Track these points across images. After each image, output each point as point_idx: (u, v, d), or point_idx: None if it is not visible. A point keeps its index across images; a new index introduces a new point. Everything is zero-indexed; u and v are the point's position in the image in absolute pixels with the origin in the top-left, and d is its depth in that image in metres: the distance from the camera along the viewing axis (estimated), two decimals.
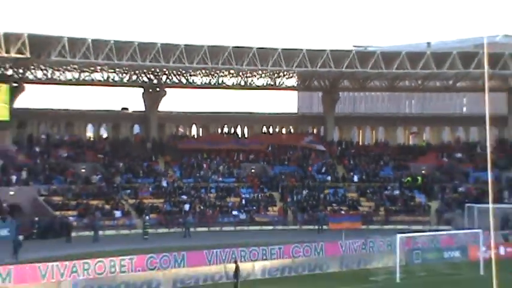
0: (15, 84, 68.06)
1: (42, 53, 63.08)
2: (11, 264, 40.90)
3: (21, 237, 51.12)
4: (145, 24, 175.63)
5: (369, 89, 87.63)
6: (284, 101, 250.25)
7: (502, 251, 50.79)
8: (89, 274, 40.62)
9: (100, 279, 40.00)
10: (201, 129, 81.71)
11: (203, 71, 73.18)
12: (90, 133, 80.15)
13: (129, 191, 68.26)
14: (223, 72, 74.28)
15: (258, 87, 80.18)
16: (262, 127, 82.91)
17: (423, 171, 76.30)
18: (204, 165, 74.37)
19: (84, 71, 71.98)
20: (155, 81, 75.33)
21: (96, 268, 41.33)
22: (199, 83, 77.72)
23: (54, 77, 72.33)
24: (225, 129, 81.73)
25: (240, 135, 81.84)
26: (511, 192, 71.72)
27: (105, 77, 74.19)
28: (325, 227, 64.91)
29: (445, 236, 54.20)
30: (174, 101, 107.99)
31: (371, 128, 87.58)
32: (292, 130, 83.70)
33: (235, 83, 78.27)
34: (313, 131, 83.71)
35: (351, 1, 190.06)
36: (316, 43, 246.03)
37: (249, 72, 73.55)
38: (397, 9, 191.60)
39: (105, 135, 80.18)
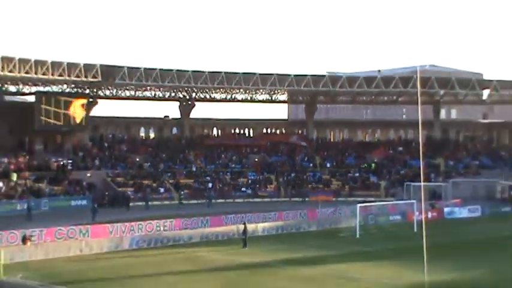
0: (91, 100, 68.34)
1: (110, 77, 63.42)
2: (89, 224, 41.27)
3: (96, 206, 51.60)
4: (181, 55, 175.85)
5: (338, 102, 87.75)
6: (278, 111, 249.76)
7: (429, 215, 51.16)
8: (142, 232, 40.87)
9: (150, 235, 40.32)
10: (220, 130, 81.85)
11: (221, 90, 73.35)
12: (142, 133, 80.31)
13: (169, 174, 68.46)
14: (235, 91, 74.39)
15: (259, 101, 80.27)
16: (263, 129, 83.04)
17: (375, 160, 76.53)
18: (222, 156, 74.69)
19: (138, 90, 72.17)
20: (188, 97, 75.44)
21: (147, 228, 41.59)
22: (218, 98, 77.83)
23: (118, 94, 72.57)
24: (237, 131, 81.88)
25: (247, 135, 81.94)
26: (436, 174, 72.06)
27: (153, 94, 74.36)
28: (307, 199, 65.16)
29: (390, 205, 54.64)
30: (201, 111, 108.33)
31: (339, 129, 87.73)
32: (283, 131, 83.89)
33: (243, 98, 78.37)
34: (298, 132, 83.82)
35: (327, 39, 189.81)
36: (300, 69, 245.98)
37: (253, 90, 73.66)
38: (358, 46, 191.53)
39: (152, 135, 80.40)
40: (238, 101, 78.90)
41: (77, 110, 66.34)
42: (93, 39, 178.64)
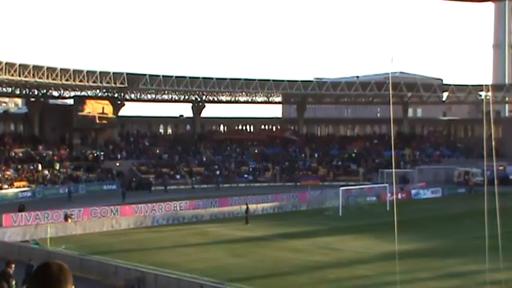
0: (118, 102, 68.19)
1: (134, 83, 63.25)
2: (119, 205, 41.20)
3: (125, 189, 51.35)
4: (193, 64, 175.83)
5: (324, 103, 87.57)
6: (274, 110, 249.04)
7: (399, 196, 51.06)
8: (162, 211, 40.81)
9: (168, 214, 40.25)
10: (226, 127, 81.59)
11: (227, 93, 73.14)
12: (161, 130, 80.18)
13: (184, 163, 68.36)
14: (238, 94, 74.02)
15: (259, 102, 79.88)
16: (261, 126, 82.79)
17: (355, 151, 76.42)
18: (228, 148, 74.48)
19: (158, 94, 71.97)
20: (199, 99, 75.19)
21: (166, 208, 41.65)
22: (224, 100, 77.53)
23: (141, 97, 72.36)
24: (240, 127, 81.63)
25: (248, 131, 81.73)
26: (405, 162, 71.94)
27: (170, 97, 74.10)
28: (298, 183, 64.82)
29: (367, 188, 54.40)
30: (210, 111, 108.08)
31: (325, 125, 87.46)
32: (279, 127, 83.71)
33: (245, 100, 77.92)
34: (291, 128, 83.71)
35: (315, 50, 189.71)
36: (292, 75, 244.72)
37: (253, 93, 73.39)
38: (340, 56, 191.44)
39: (170, 132, 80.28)
40: (241, 102, 78.52)
41: (107, 111, 66.17)
42: (122, 51, 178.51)
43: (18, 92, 63.49)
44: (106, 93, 67.14)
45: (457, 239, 32.51)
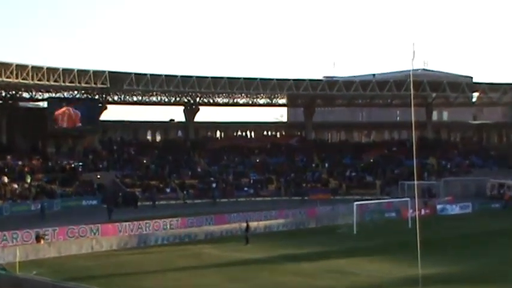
0: (100, 105, 68.32)
1: (118, 83, 63.42)
2: (99, 223, 40.73)
3: (110, 206, 50.68)
4: (185, 61, 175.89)
5: (335, 105, 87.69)
6: (278, 114, 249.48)
7: (423, 212, 51.11)
8: (150, 230, 40.83)
9: (157, 233, 40.24)
10: (222, 133, 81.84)
11: (224, 94, 73.30)
12: (149, 136, 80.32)
13: (175, 174, 68.39)
14: (237, 95, 74.20)
15: (260, 105, 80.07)
16: (263, 131, 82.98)
17: (371, 160, 76.44)
18: (225, 158, 74.51)
19: (145, 95, 72.14)
20: (192, 101, 75.32)
21: (154, 226, 41.59)
22: (221, 102, 77.73)
23: (126, 99, 72.53)
24: (239, 133, 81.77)
25: (249, 137, 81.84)
26: (429, 173, 71.95)
27: (159, 99, 74.33)
28: (306, 197, 64.71)
29: (386, 202, 54.39)
30: (204, 115, 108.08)
31: (337, 131, 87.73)
32: (284, 133, 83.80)
33: (245, 102, 78.24)
34: (298, 133, 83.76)
35: (324, 44, 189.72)
36: (299, 74, 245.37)
37: (254, 94, 73.52)
38: (353, 51, 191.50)
39: (158, 138, 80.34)
40: (240, 105, 78.81)
41: (87, 115, 66.31)
42: (102, 47, 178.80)
43: None
44: (85, 95, 67.26)
45: (489, 262, 32.37)
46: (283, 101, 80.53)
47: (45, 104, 67.27)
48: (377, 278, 28.37)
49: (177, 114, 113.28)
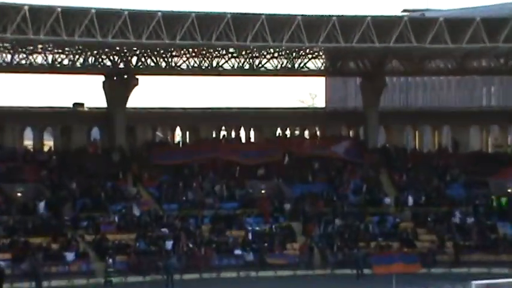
0: None
1: None
2: None
3: None
4: None
5: (428, 73, 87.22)
6: (306, 92, 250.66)
7: None
8: None
9: None
10: (188, 133, 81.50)
11: (190, 50, 72.99)
12: (29, 141, 79.75)
13: (85, 223, 67.92)
14: (218, 52, 74.00)
15: (268, 72, 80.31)
16: (276, 129, 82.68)
17: (508, 190, 75.74)
18: (194, 185, 74.08)
19: (18, 52, 71.68)
20: (121, 66, 75.18)
21: None
22: (184, 67, 77.57)
23: None
24: (223, 133, 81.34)
25: (244, 141, 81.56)
26: None
27: (50, 60, 74.07)
28: (366, 271, 64.19)
29: None
30: (149, 94, 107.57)
31: (432, 128, 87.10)
32: (318, 133, 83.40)
33: (236, 67, 78.18)
34: (348, 133, 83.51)
35: None
36: (352, 8, 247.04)
37: (255, 50, 73.10)
38: None
39: (50, 144, 79.82)
40: (226, 72, 79.71)
41: None
42: None
43: None
44: None
45: None
46: (316, 63, 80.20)
47: None
48: None
49: (89, 92, 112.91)
